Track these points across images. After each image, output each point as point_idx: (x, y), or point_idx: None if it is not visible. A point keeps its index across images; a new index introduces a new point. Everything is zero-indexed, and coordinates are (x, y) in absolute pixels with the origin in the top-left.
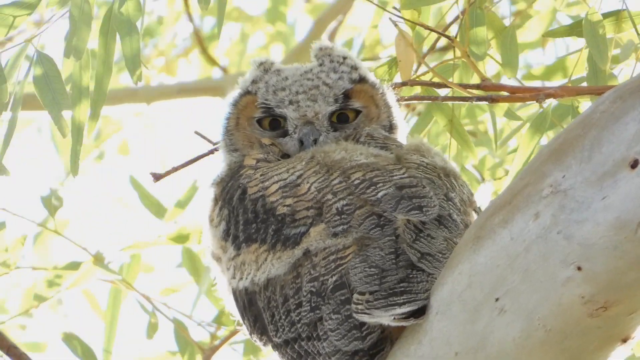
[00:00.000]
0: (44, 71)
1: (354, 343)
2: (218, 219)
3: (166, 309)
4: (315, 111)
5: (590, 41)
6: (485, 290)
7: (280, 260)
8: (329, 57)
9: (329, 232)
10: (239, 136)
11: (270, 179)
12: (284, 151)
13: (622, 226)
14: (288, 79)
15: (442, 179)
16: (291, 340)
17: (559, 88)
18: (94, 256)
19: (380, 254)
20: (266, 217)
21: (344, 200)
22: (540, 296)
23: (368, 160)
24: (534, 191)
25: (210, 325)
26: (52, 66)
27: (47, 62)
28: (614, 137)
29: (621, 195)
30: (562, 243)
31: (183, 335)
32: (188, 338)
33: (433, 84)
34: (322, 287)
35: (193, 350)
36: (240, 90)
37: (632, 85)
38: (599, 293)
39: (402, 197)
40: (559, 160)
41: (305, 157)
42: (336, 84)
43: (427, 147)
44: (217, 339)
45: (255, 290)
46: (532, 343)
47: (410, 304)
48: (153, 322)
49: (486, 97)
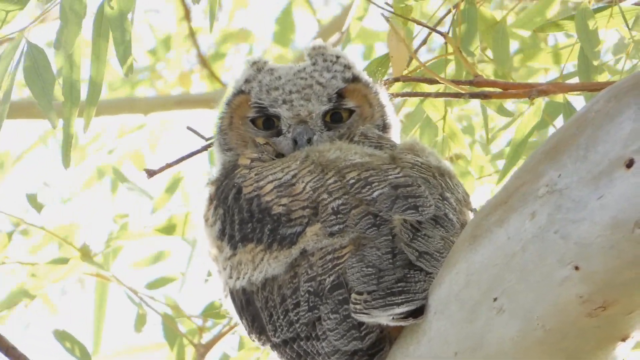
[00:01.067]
0: (34, 62)
1: (353, 343)
2: (213, 219)
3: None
4: (308, 110)
5: (581, 36)
6: (483, 289)
7: (277, 260)
8: (322, 56)
9: (325, 231)
10: (233, 135)
11: (265, 178)
12: (278, 150)
13: (618, 225)
14: (281, 78)
15: (437, 179)
16: (290, 340)
17: (551, 84)
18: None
19: (377, 254)
20: (262, 217)
21: (340, 199)
22: (537, 296)
23: (363, 160)
24: (529, 190)
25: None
26: (42, 57)
27: (38, 53)
28: (609, 136)
29: (617, 195)
30: (559, 242)
31: (171, 327)
32: (176, 330)
33: (426, 80)
34: (320, 287)
35: (182, 342)
36: (234, 89)
37: (626, 84)
38: (596, 292)
39: (397, 196)
40: (555, 159)
41: (300, 156)
42: (329, 83)
43: (422, 147)
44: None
45: (253, 290)
46: (531, 343)
47: (408, 304)
48: (141, 314)
49: (479, 94)
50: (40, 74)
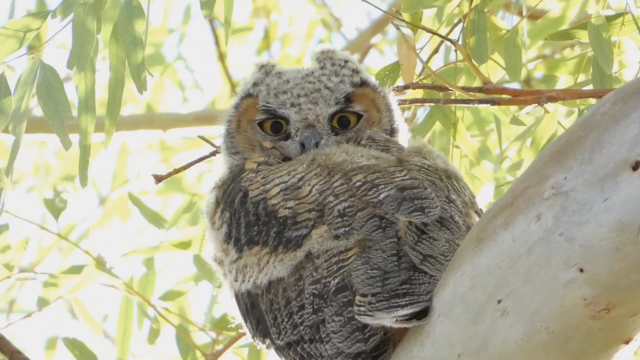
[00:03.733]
0: (47, 82)
1: (357, 345)
2: (220, 222)
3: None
4: (316, 114)
5: (594, 44)
6: (488, 291)
7: (282, 262)
8: (330, 60)
9: (331, 234)
10: (240, 139)
11: (272, 181)
12: (285, 154)
13: (623, 228)
14: (289, 82)
15: (444, 181)
16: (294, 343)
17: (561, 91)
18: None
19: (382, 256)
20: (268, 220)
21: (346, 202)
22: (542, 298)
23: (369, 162)
24: (535, 193)
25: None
26: (54, 77)
27: (50, 73)
28: (615, 139)
29: (622, 197)
30: (564, 245)
31: (185, 339)
32: (190, 342)
33: (435, 87)
34: (325, 289)
35: (195, 354)
36: (242, 93)
37: (633, 87)
38: (601, 295)
39: (403, 198)
40: (560, 162)
41: (306, 159)
42: (337, 88)
43: (429, 150)
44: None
45: (258, 292)
46: (535, 345)
47: (412, 306)
48: (155, 328)
49: (488, 100)
50: (53, 95)
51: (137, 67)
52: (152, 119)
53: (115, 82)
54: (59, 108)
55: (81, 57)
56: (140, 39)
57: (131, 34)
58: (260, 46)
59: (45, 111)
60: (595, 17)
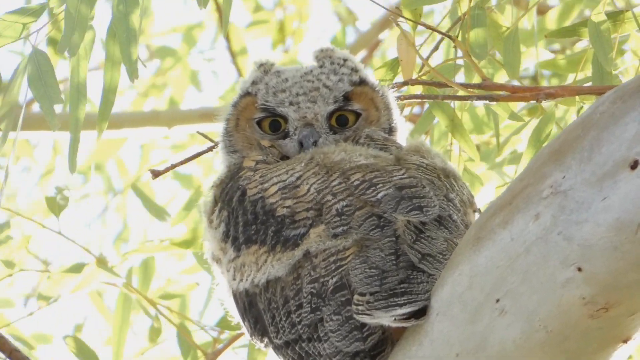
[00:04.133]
0: (38, 66)
1: (355, 344)
2: (217, 221)
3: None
4: (315, 112)
5: (594, 42)
6: (486, 291)
7: (280, 261)
8: (329, 59)
9: (329, 233)
10: (239, 137)
11: (270, 180)
12: (284, 153)
13: (622, 227)
14: (288, 80)
15: (442, 180)
16: (292, 342)
17: (559, 88)
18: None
19: (380, 255)
20: (266, 219)
21: (344, 201)
22: (540, 297)
23: (367, 161)
24: (534, 192)
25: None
26: (45, 61)
27: (41, 57)
28: (614, 137)
29: (621, 196)
30: (562, 244)
31: (186, 338)
32: (191, 342)
33: (434, 83)
34: (323, 288)
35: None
36: (240, 91)
37: (632, 86)
38: (599, 294)
39: (402, 197)
40: (559, 161)
41: (305, 158)
42: (336, 86)
43: (427, 148)
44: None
45: (256, 291)
46: (533, 344)
47: (410, 305)
48: (156, 327)
49: (486, 96)
50: (43, 78)
51: (129, 55)
52: (157, 116)
53: (111, 73)
54: (48, 90)
55: (72, 43)
56: (134, 29)
57: (125, 23)
58: (275, 40)
59: (35, 93)
60: (596, 14)
